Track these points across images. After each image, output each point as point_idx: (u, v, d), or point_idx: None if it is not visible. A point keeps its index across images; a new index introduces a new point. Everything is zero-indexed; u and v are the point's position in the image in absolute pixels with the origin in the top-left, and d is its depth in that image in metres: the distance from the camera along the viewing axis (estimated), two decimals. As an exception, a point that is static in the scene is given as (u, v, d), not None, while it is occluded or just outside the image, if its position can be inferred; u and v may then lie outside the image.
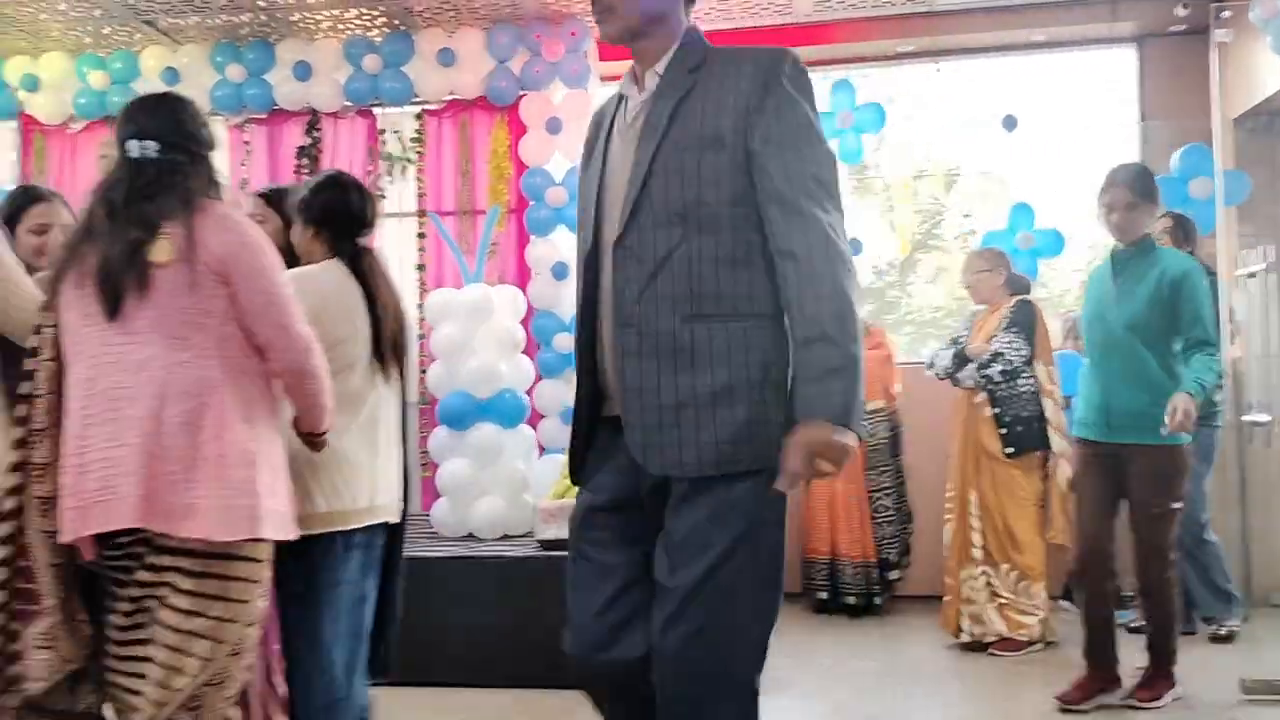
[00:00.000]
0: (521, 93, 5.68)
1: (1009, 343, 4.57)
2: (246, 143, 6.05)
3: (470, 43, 5.67)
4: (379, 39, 5.80)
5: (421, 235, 5.88)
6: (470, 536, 4.76)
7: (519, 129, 5.69)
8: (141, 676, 2.08)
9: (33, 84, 5.99)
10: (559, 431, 5.33)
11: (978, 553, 4.64)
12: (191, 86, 5.87)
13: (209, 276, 2.11)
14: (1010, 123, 5.78)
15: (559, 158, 5.59)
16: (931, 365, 4.92)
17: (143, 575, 2.08)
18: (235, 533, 2.06)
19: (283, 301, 2.19)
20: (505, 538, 4.74)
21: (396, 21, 5.71)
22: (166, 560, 2.07)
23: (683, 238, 1.87)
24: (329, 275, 2.62)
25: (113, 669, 2.13)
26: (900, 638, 4.93)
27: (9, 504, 2.10)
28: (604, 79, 6.01)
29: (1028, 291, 4.89)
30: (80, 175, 6.11)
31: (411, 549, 4.31)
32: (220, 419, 2.08)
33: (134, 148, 2.20)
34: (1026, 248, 5.61)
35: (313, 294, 2.48)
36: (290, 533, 2.21)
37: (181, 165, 2.21)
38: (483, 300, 4.83)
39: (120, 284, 2.08)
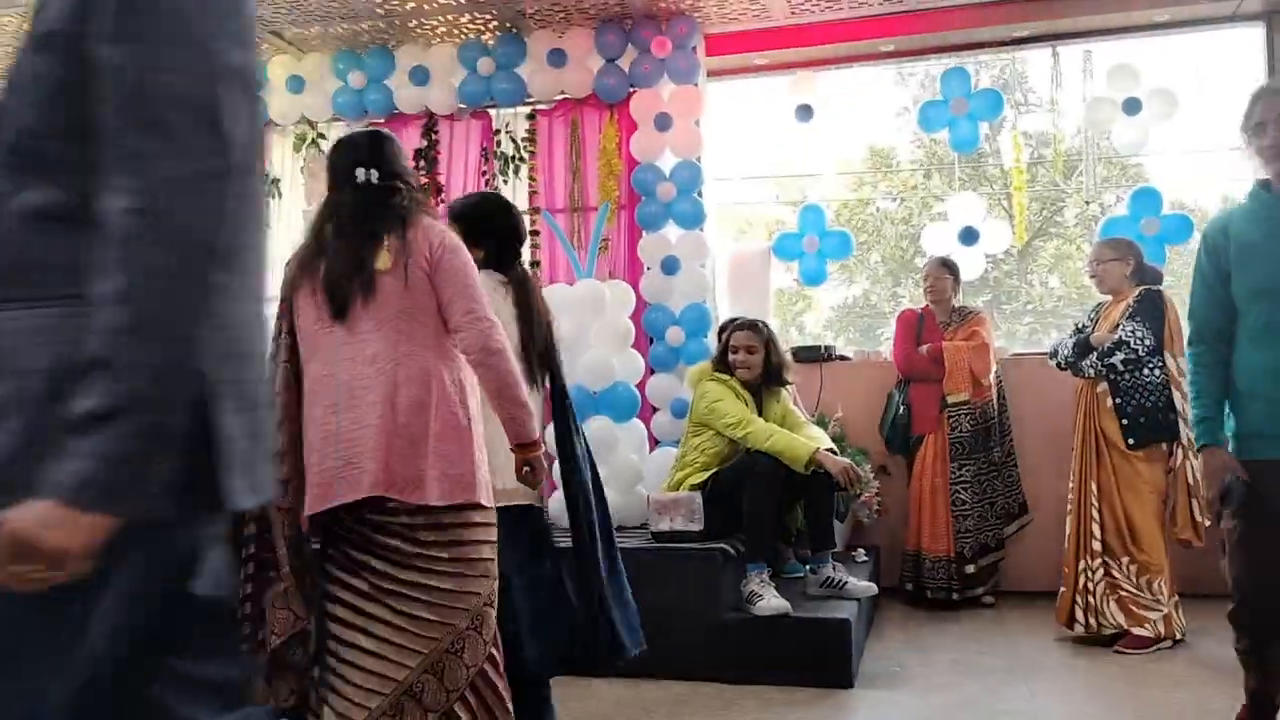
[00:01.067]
0: (631, 90, 5.74)
1: (1132, 331, 4.44)
2: (367, 146, 6.24)
3: (580, 42, 5.75)
4: (492, 42, 5.93)
5: (535, 232, 5.99)
6: (584, 528, 4.84)
7: (629, 126, 5.75)
8: (378, 638, 2.42)
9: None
10: (671, 425, 5.39)
11: (1097, 544, 4.51)
12: (315, 93, 6.11)
13: (421, 277, 2.47)
14: (1133, 106, 5.61)
15: (669, 153, 5.63)
16: (1054, 355, 4.82)
17: (386, 539, 2.44)
18: (454, 498, 2.43)
19: (473, 292, 2.52)
20: (619, 529, 4.81)
21: (508, 24, 5.83)
22: (404, 520, 2.43)
23: (8, 182, 1.28)
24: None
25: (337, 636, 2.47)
26: (1015, 631, 4.84)
27: None
28: (712, 74, 6.04)
29: (1159, 283, 4.72)
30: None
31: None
32: (440, 401, 2.45)
33: (360, 174, 2.58)
34: (1152, 234, 5.43)
35: None
36: (495, 501, 2.58)
37: (398, 188, 2.61)
38: (595, 295, 4.91)
39: (349, 290, 2.44)
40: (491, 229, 3.09)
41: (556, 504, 4.78)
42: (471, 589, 2.46)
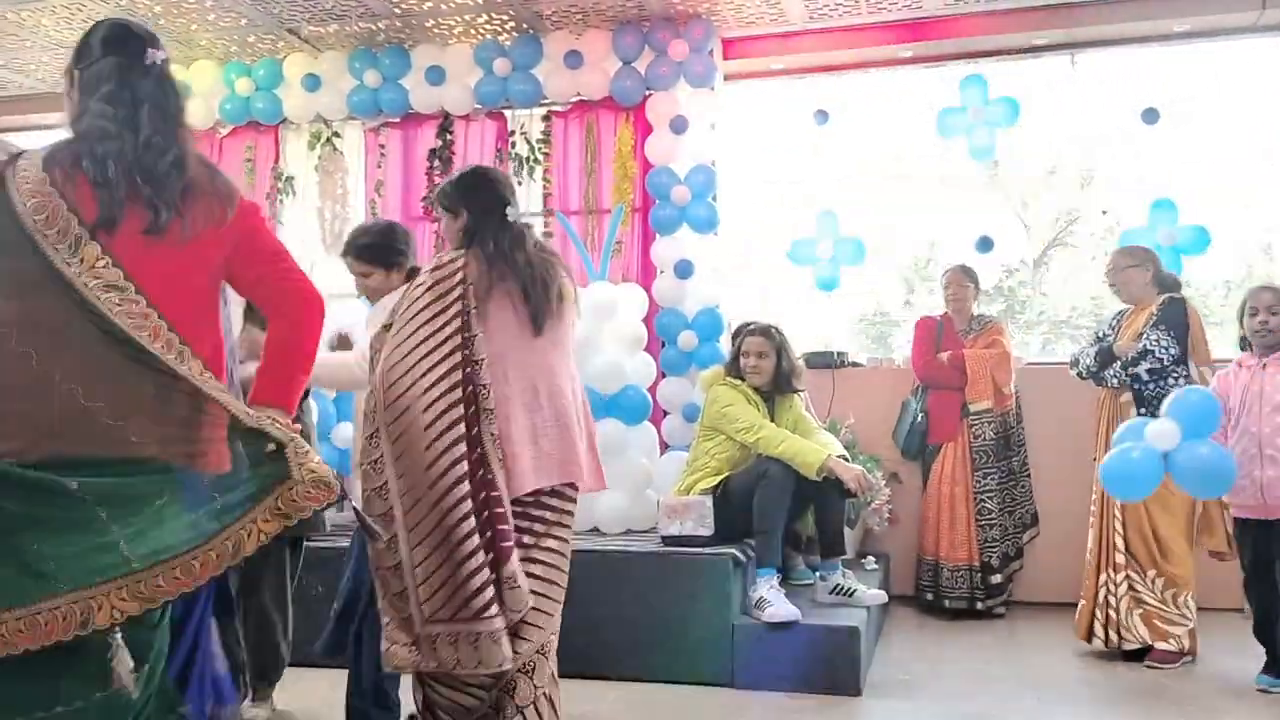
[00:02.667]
0: (647, 93, 5.73)
1: (1157, 340, 4.39)
2: (382, 146, 6.25)
3: (597, 44, 5.74)
4: (508, 43, 5.92)
5: (548, 234, 5.99)
6: (595, 530, 4.83)
7: (644, 129, 5.74)
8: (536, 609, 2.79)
9: (184, 91, 6.30)
10: (682, 428, 5.37)
11: (1121, 557, 4.44)
12: (330, 92, 6.11)
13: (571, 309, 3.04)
14: (1151, 116, 5.57)
15: (684, 157, 5.61)
16: (1075, 364, 4.78)
17: (546, 514, 2.90)
18: (599, 485, 3.09)
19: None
20: (629, 532, 4.80)
21: (525, 25, 5.82)
22: (568, 506, 2.97)
23: None
24: None
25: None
26: (1026, 643, 4.80)
27: (461, 468, 2.69)
28: (728, 78, 6.02)
29: (1178, 289, 4.65)
30: (229, 175, 6.39)
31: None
32: (583, 405, 3.02)
33: (512, 213, 3.00)
34: (1169, 244, 5.39)
35: None
36: None
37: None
38: (607, 298, 4.90)
39: (544, 311, 2.88)
40: (470, 199, 3.03)
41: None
42: (564, 571, 2.97)
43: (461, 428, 2.69)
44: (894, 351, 9.52)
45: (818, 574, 4.52)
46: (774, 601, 4.09)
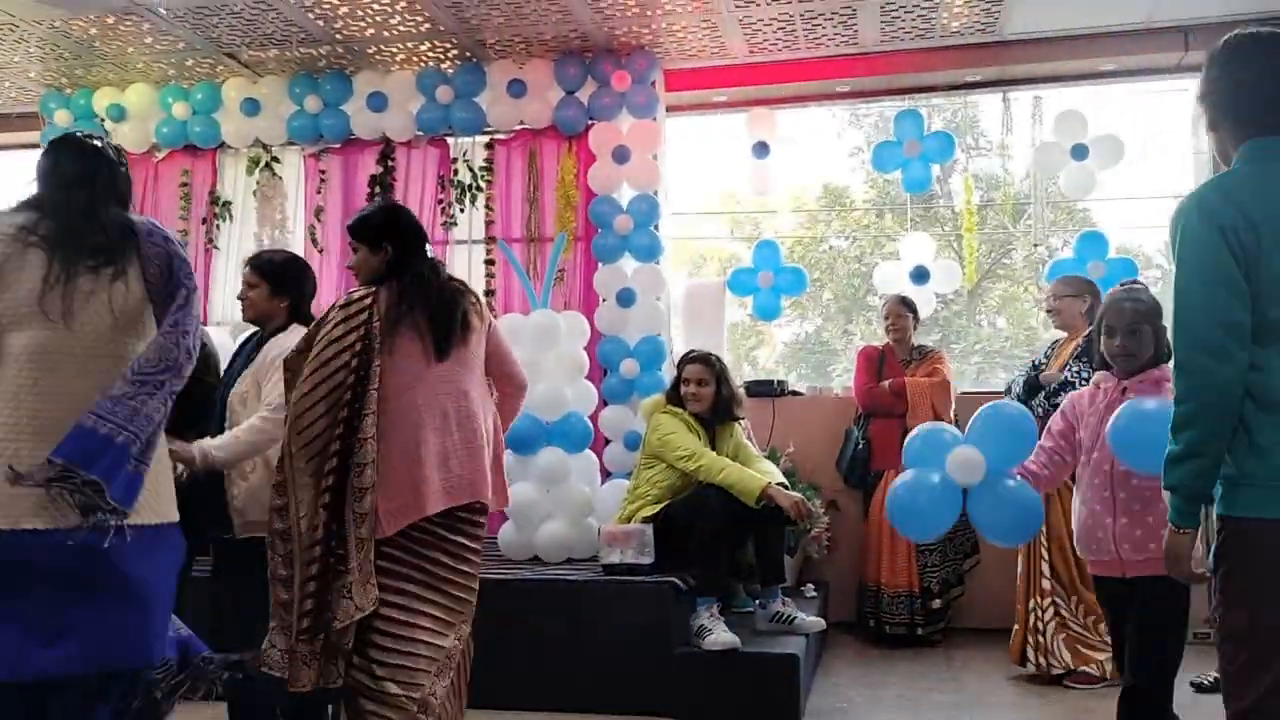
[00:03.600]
0: (590, 122, 5.76)
1: (1078, 372, 4.50)
2: (322, 172, 6.21)
3: (540, 73, 5.77)
4: (451, 70, 5.93)
5: (490, 261, 5.97)
6: (535, 559, 4.81)
7: (587, 158, 5.77)
8: (435, 618, 2.95)
9: (119, 113, 6.22)
10: (623, 456, 5.37)
11: (1047, 583, 4.54)
12: (270, 117, 6.06)
13: (484, 335, 3.17)
14: (1080, 152, 5.73)
15: (626, 186, 5.65)
16: (1008, 392, 4.89)
17: (459, 538, 3.03)
18: (504, 504, 3.25)
19: (510, 348, 3.36)
20: (569, 561, 4.78)
21: (468, 53, 5.83)
22: (479, 523, 3.09)
23: None
24: None
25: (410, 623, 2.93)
26: (964, 668, 4.86)
27: (325, 498, 2.84)
28: (671, 109, 6.08)
29: None
30: (162, 201, 6.32)
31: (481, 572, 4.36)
32: (493, 427, 3.17)
33: (429, 250, 3.23)
34: (1098, 276, 5.53)
35: None
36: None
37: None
38: (549, 325, 4.90)
39: (451, 337, 3.03)
40: (395, 233, 3.16)
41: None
42: (474, 589, 3.11)
43: (334, 461, 2.87)
44: (833, 380, 9.60)
45: (757, 602, 4.53)
46: (714, 629, 4.09)
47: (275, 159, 6.29)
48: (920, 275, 6.01)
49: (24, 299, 2.26)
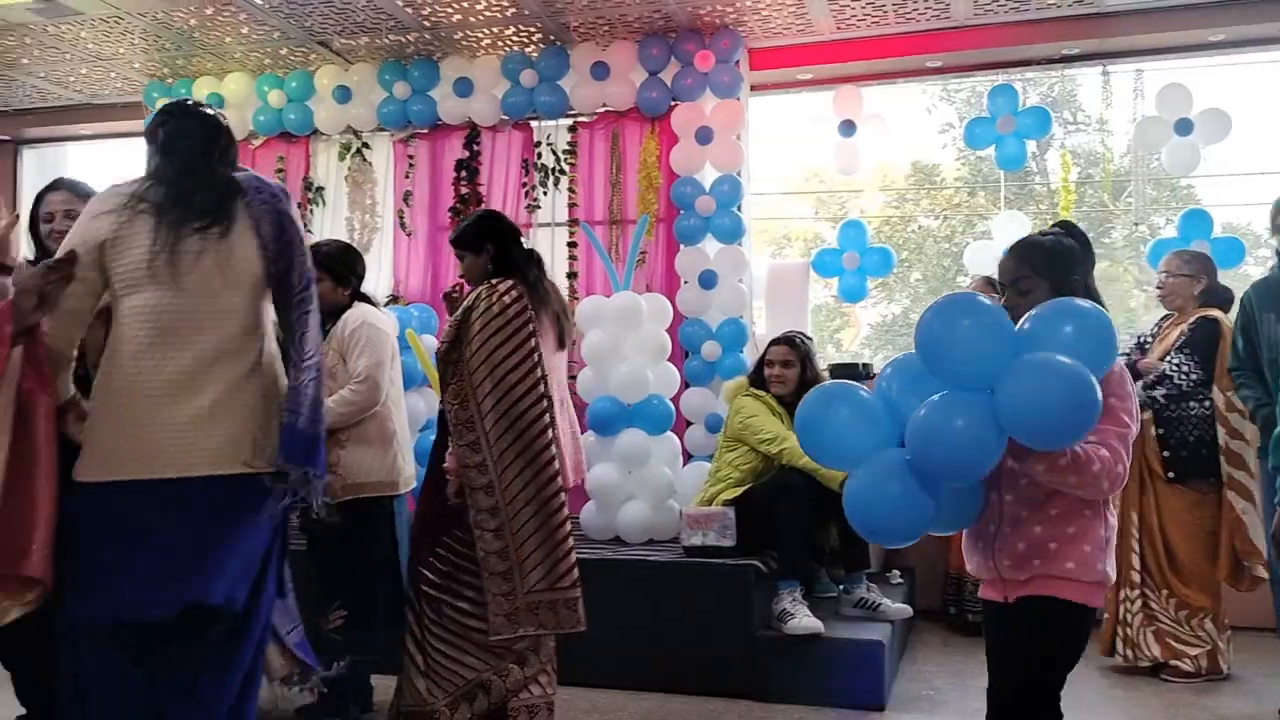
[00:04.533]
0: (673, 103, 5.74)
1: (1179, 365, 4.29)
2: (410, 157, 6.30)
3: (623, 55, 5.76)
4: (535, 54, 5.96)
5: (573, 244, 6.00)
6: (617, 540, 4.83)
7: (670, 139, 5.75)
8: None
9: (218, 102, 6.39)
10: (704, 439, 5.36)
11: (1136, 575, 4.39)
12: (361, 104, 6.17)
13: None
14: (1184, 127, 5.52)
15: (709, 167, 5.62)
16: None
17: None
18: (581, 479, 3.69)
19: None
20: (650, 543, 4.79)
21: (552, 37, 5.85)
22: None
23: None
24: None
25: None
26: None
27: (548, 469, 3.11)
28: (755, 88, 6.02)
29: (1228, 308, 4.45)
30: (259, 188, 6.47)
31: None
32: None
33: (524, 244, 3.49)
34: (1200, 257, 5.33)
35: None
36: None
37: None
38: (631, 307, 4.91)
39: (568, 330, 3.50)
40: (492, 234, 3.40)
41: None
42: None
43: (552, 429, 3.13)
44: (922, 363, 9.44)
45: (841, 587, 4.49)
46: (796, 614, 4.07)
47: (366, 145, 6.40)
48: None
49: (135, 264, 2.34)
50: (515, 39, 5.92)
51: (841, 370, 5.90)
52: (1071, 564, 2.18)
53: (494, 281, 3.17)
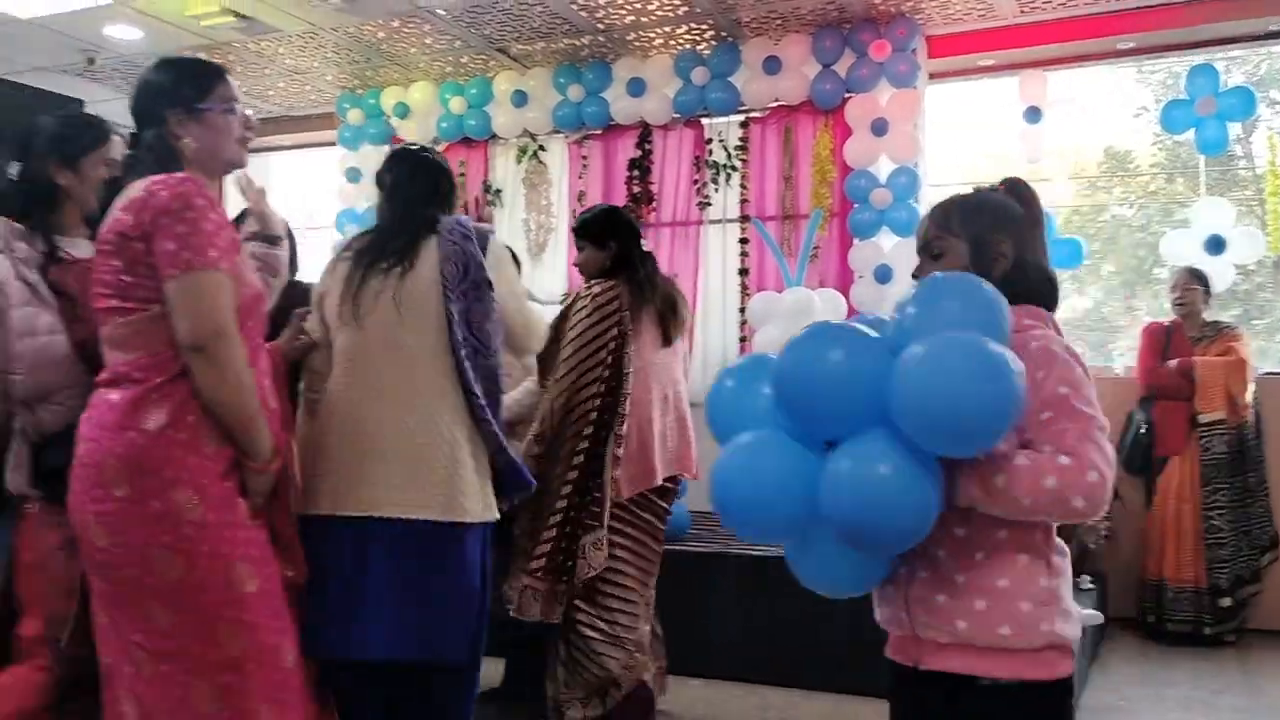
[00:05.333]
0: (847, 95, 5.64)
1: None
2: (584, 158, 6.42)
3: (796, 48, 5.71)
4: (707, 51, 5.97)
5: (744, 240, 5.99)
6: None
7: (844, 132, 5.66)
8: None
9: (404, 111, 6.68)
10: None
11: None
12: (537, 107, 6.33)
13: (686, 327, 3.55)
14: None
15: (884, 159, 5.50)
16: None
17: (662, 502, 3.35)
18: (694, 474, 3.45)
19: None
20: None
21: (724, 34, 5.85)
22: (673, 489, 3.39)
23: None
24: None
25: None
26: (1260, 672, 4.44)
27: (579, 460, 3.12)
28: (933, 76, 5.86)
29: None
30: (442, 192, 6.73)
31: (690, 545, 4.38)
32: (688, 408, 3.45)
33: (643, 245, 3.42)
34: None
35: None
36: None
37: None
38: (804, 303, 4.86)
39: (673, 327, 3.34)
40: (618, 231, 3.38)
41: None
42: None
43: (591, 429, 3.14)
44: (1114, 359, 9.02)
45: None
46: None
47: (542, 147, 6.56)
48: (1215, 244, 5.49)
49: (333, 307, 2.48)
50: (687, 37, 5.94)
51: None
52: (1007, 629, 1.61)
53: (591, 283, 3.25)
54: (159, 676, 1.94)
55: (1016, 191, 1.86)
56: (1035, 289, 1.76)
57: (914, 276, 1.80)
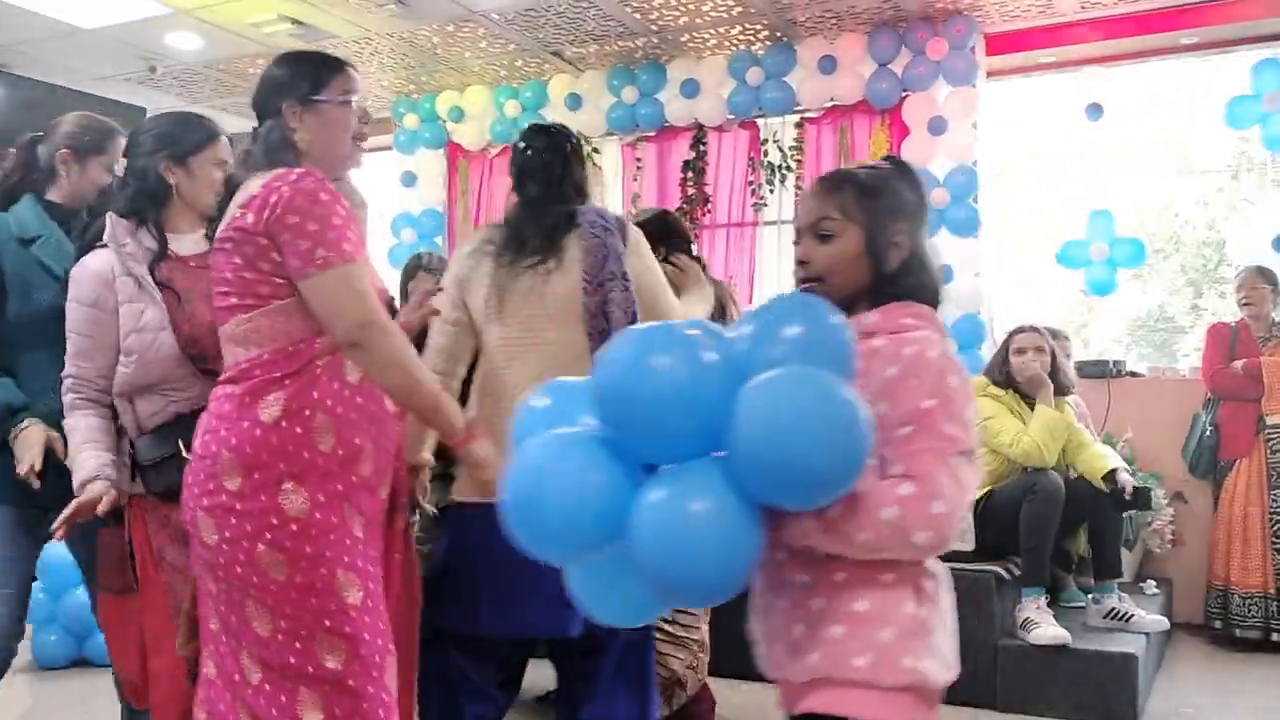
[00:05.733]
0: (904, 94, 5.59)
1: None
2: (638, 160, 6.42)
3: (851, 48, 5.67)
4: (761, 52, 5.94)
5: (798, 242, 5.94)
6: (847, 542, 4.75)
7: (900, 131, 5.61)
8: None
9: (459, 115, 6.73)
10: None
11: None
12: (591, 110, 6.35)
13: None
14: None
15: (942, 158, 5.44)
16: None
17: None
18: None
19: None
20: (883, 545, 4.68)
21: (779, 33, 5.82)
22: None
23: None
24: None
25: None
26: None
27: None
28: (991, 74, 5.79)
29: None
30: (496, 195, 6.78)
31: None
32: None
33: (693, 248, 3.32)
34: None
35: None
36: None
37: None
38: (862, 305, 4.81)
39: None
40: (665, 235, 3.29)
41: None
42: None
43: None
44: (1179, 360, 8.85)
45: (1090, 596, 4.25)
46: (1041, 622, 3.88)
47: (596, 150, 6.58)
48: (1284, 243, 5.37)
49: (480, 304, 2.51)
50: (741, 37, 5.92)
51: (1091, 367, 5.61)
52: (862, 660, 1.39)
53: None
54: (261, 686, 1.92)
55: (902, 171, 1.62)
56: (923, 285, 1.56)
57: (799, 262, 1.61)
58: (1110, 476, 4.03)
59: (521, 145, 2.65)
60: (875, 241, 1.54)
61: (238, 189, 2.05)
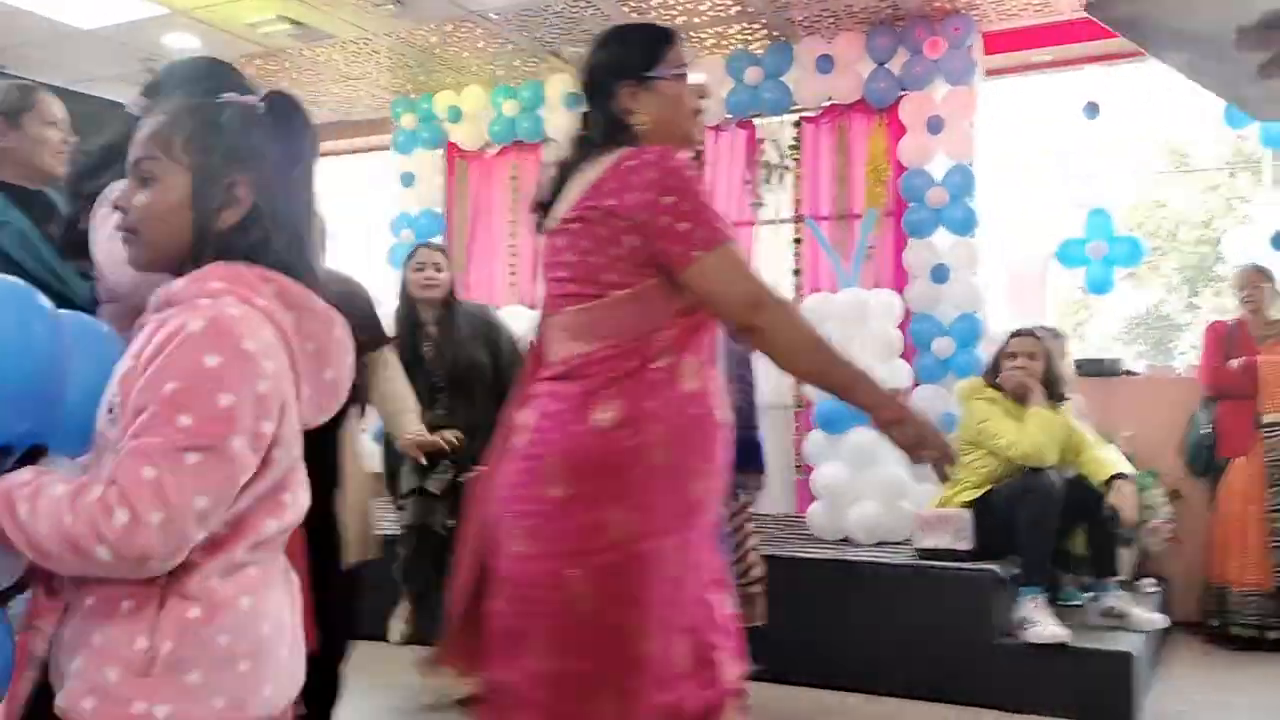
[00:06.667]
0: (901, 93, 5.59)
1: None
2: (637, 158, 6.41)
3: (849, 47, 5.66)
4: (760, 51, 5.94)
5: (798, 240, 5.95)
6: (845, 540, 4.76)
7: (898, 130, 5.60)
8: None
9: (456, 115, 6.73)
10: (938, 438, 5.20)
11: None
12: (589, 109, 6.34)
13: None
14: None
15: (940, 157, 5.44)
16: None
17: None
18: None
19: None
20: (881, 544, 4.69)
21: (777, 33, 5.82)
22: None
23: None
24: None
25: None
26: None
27: None
28: (989, 73, 5.78)
29: None
30: (494, 194, 6.78)
31: (786, 549, 4.41)
32: None
33: None
34: None
35: None
36: None
37: None
38: (858, 304, 4.82)
39: None
40: None
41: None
42: None
43: None
44: (1175, 358, 8.87)
45: (1088, 595, 4.26)
46: (1039, 621, 3.89)
47: (594, 149, 6.57)
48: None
49: None
50: (739, 37, 5.92)
51: (1089, 366, 5.62)
52: (90, 703, 1.18)
53: None
54: None
55: (279, 113, 1.36)
56: (268, 244, 1.29)
57: (116, 206, 1.34)
58: (1109, 484, 4.03)
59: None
60: (205, 192, 1.29)
61: (571, 173, 1.88)
